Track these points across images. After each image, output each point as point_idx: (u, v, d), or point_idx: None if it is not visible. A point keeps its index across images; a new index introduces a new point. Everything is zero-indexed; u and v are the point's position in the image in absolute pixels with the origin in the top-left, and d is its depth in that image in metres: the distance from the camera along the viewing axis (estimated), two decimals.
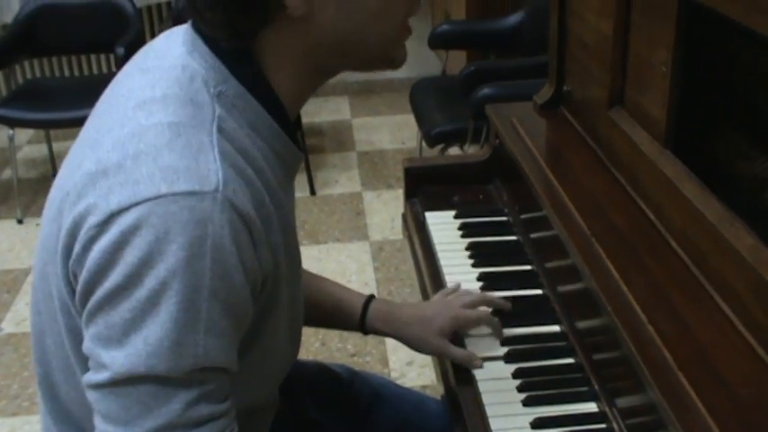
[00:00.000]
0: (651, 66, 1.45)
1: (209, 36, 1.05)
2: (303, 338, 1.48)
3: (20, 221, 4.08)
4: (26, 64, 5.11)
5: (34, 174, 4.56)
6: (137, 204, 0.92)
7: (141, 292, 0.92)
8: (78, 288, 0.97)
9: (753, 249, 1.15)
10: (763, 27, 1.10)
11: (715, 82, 1.49)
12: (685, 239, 1.33)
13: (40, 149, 4.73)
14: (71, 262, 0.98)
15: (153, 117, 0.98)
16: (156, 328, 0.92)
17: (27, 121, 4.09)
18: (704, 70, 1.45)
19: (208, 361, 0.95)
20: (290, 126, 1.11)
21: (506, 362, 1.44)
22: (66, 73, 5.19)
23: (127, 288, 0.92)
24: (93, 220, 0.94)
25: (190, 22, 1.09)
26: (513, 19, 3.76)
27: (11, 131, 4.09)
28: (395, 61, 1.14)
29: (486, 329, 1.50)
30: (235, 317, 0.98)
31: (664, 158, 1.42)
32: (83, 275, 0.95)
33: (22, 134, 4.77)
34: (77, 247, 0.96)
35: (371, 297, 1.52)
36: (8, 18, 4.70)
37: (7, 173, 4.51)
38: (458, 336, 1.48)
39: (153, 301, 0.92)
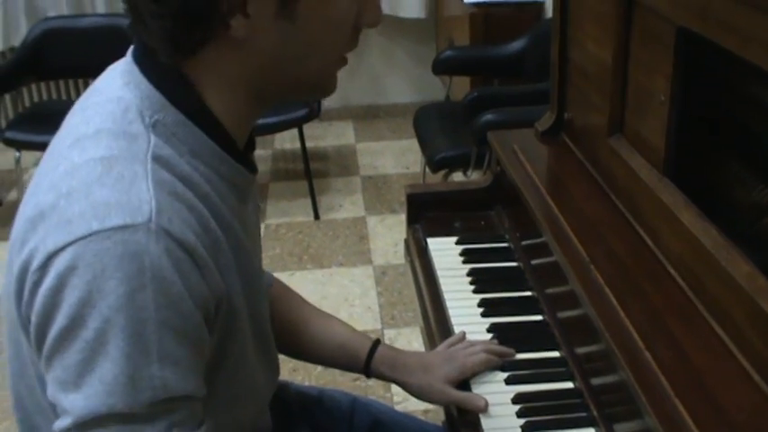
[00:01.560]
0: (650, 94, 1.46)
1: (146, 62, 1.05)
2: (305, 363, 1.50)
3: None
4: (33, 87, 5.14)
5: None
6: (71, 244, 0.92)
7: (87, 333, 0.91)
8: (32, 334, 0.97)
9: (749, 277, 1.17)
10: (758, 58, 1.12)
11: (713, 110, 1.51)
12: (683, 266, 1.35)
13: None
14: (23, 308, 0.98)
15: (85, 153, 0.98)
16: (110, 366, 0.92)
17: (33, 143, 4.10)
18: (702, 99, 1.46)
19: (167, 392, 0.95)
20: (236, 150, 1.10)
21: (506, 384, 1.45)
22: (73, 96, 5.22)
23: (72, 330, 0.92)
24: (34, 264, 0.94)
25: (130, 52, 1.09)
26: (517, 45, 3.78)
27: (17, 153, 4.11)
28: (326, 90, 1.14)
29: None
30: (190, 343, 0.97)
31: (662, 186, 1.43)
32: (33, 320, 0.95)
33: (29, 156, 4.78)
34: (26, 294, 0.96)
35: (377, 342, 1.51)
36: (15, 41, 4.75)
37: (13, 194, 4.53)
38: (464, 382, 1.47)
39: (100, 340, 0.91)
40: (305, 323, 1.52)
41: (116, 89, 1.05)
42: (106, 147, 0.98)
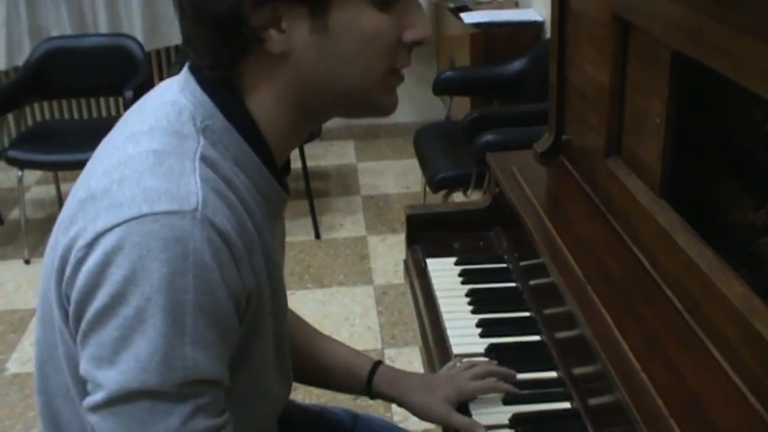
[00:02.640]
0: (646, 117, 1.48)
1: (201, 73, 1.10)
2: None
3: (27, 262, 4.11)
4: (36, 106, 5.17)
5: (42, 214, 4.60)
6: (119, 225, 0.96)
7: (128, 310, 0.95)
8: (70, 310, 1.01)
9: (743, 298, 1.18)
10: (749, 82, 1.13)
11: (708, 133, 1.52)
12: (679, 288, 1.36)
13: (48, 190, 4.78)
14: (63, 285, 1.01)
15: (139, 146, 1.03)
16: (145, 344, 0.95)
17: (35, 162, 4.13)
18: (698, 121, 1.48)
19: (198, 373, 0.98)
20: (276, 167, 1.14)
21: (504, 404, 1.46)
22: (76, 115, 5.24)
23: (113, 307, 0.95)
24: (81, 242, 0.98)
25: (187, 64, 1.14)
26: (517, 65, 3.80)
27: (20, 172, 4.13)
28: (382, 109, 1.16)
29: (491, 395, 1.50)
30: (221, 330, 1.00)
31: (658, 207, 1.44)
32: (73, 297, 0.99)
33: (31, 175, 4.81)
34: (68, 271, 1.00)
35: (378, 362, 1.53)
36: (19, 61, 4.77)
37: (15, 213, 4.55)
38: (463, 403, 1.48)
39: (140, 318, 0.95)
40: (310, 347, 1.54)
41: (172, 94, 1.10)
42: (159, 142, 1.04)
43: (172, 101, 1.09)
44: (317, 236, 4.25)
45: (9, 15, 4.84)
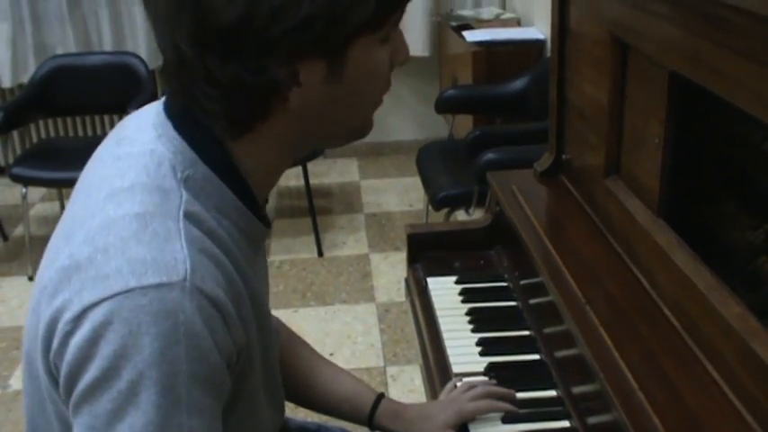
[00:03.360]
0: (644, 137, 1.49)
1: (178, 117, 1.08)
2: None
3: (30, 278, 4.12)
4: (40, 123, 5.20)
5: (46, 231, 4.61)
6: (107, 299, 0.94)
7: (120, 384, 0.93)
8: (60, 381, 0.99)
9: (740, 318, 1.18)
10: (745, 104, 1.14)
11: (707, 152, 1.53)
12: (677, 307, 1.36)
13: (53, 207, 4.80)
14: (51, 355, 1.00)
15: (121, 208, 1.01)
16: (140, 416, 0.94)
17: (40, 179, 4.15)
18: (696, 141, 1.49)
19: None
20: (257, 206, 1.13)
21: (503, 423, 1.47)
22: (80, 133, 5.27)
23: (106, 380, 0.94)
24: (68, 315, 0.96)
25: (162, 105, 1.12)
26: (519, 83, 3.82)
27: (24, 189, 4.15)
28: (365, 133, 1.18)
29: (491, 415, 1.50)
30: (215, 393, 1.00)
31: (656, 227, 1.45)
32: (63, 369, 0.97)
33: (35, 191, 4.83)
34: (56, 342, 0.98)
35: (381, 395, 1.54)
36: (24, 78, 4.80)
37: (20, 230, 4.57)
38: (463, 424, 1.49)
39: (133, 391, 0.93)
40: (313, 373, 1.55)
41: (148, 142, 1.07)
42: (140, 202, 1.01)
43: (150, 150, 1.06)
44: (320, 253, 4.26)
45: (15, 33, 4.88)
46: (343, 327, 3.63)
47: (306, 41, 0.98)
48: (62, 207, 4.59)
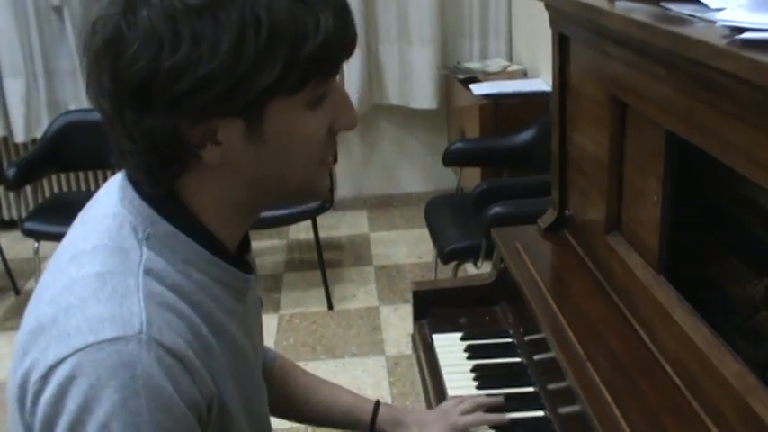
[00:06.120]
0: (644, 194, 1.51)
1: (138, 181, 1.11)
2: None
3: None
4: (53, 178, 5.25)
5: None
6: (69, 356, 0.97)
7: None
8: None
9: (738, 375, 1.19)
10: (736, 164, 1.17)
11: (705, 209, 1.55)
12: (678, 364, 1.37)
13: None
14: (26, 415, 1.03)
15: (82, 269, 1.05)
16: None
17: (52, 234, 4.17)
18: (694, 198, 1.51)
19: None
20: (229, 254, 1.15)
21: None
22: (92, 187, 5.31)
23: None
24: (35, 374, 1.00)
25: (124, 171, 1.14)
26: (525, 136, 3.84)
27: (36, 244, 4.19)
28: (317, 195, 1.19)
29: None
30: None
31: (657, 284, 1.47)
32: (36, 427, 1.01)
33: (48, 245, 4.85)
34: (28, 402, 1.01)
35: (378, 403, 1.61)
36: (37, 134, 4.86)
37: (31, 284, 4.59)
38: None
39: None
40: (312, 392, 1.62)
41: (112, 205, 1.11)
42: (101, 263, 1.05)
43: (112, 213, 1.10)
44: (330, 306, 4.27)
45: (29, 89, 4.95)
46: (353, 380, 3.63)
47: (209, 100, 1.00)
48: None
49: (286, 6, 1.00)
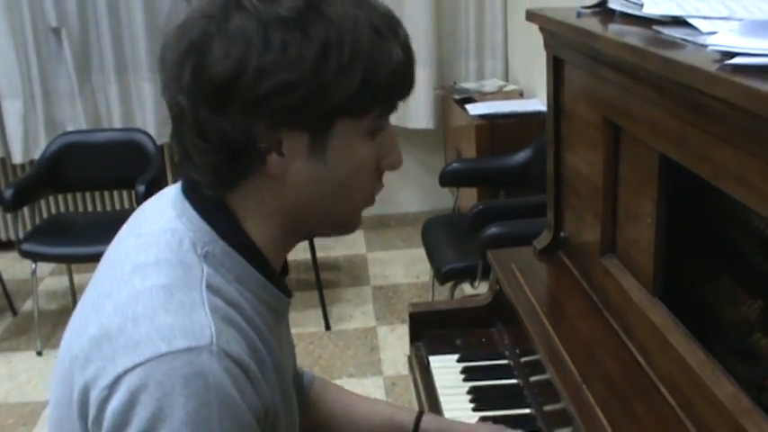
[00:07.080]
0: (638, 217, 1.52)
1: (195, 195, 1.15)
2: None
3: (39, 353, 4.13)
4: (51, 199, 5.25)
5: (55, 306, 4.64)
6: (141, 364, 1.00)
7: None
8: None
9: (732, 398, 1.20)
10: (728, 187, 1.17)
11: (699, 230, 1.56)
12: (673, 386, 1.38)
13: (62, 281, 4.82)
14: (90, 423, 1.05)
15: (147, 281, 1.08)
16: None
17: (49, 255, 4.20)
18: (688, 220, 1.51)
19: None
20: (275, 275, 1.20)
21: None
22: (90, 208, 5.32)
23: None
24: (102, 382, 1.02)
25: (180, 186, 1.19)
26: (521, 156, 3.84)
27: (33, 265, 4.19)
28: (351, 228, 1.24)
29: None
30: None
31: (651, 306, 1.47)
32: None
33: (44, 266, 4.86)
34: (93, 410, 1.03)
35: (422, 412, 1.60)
36: (35, 155, 4.87)
37: (28, 304, 4.59)
38: None
39: None
40: (352, 407, 1.63)
41: (169, 221, 1.15)
42: (166, 275, 1.08)
43: (171, 228, 1.14)
44: (327, 327, 4.26)
45: (26, 111, 4.96)
46: None
47: (288, 105, 1.06)
48: (71, 282, 4.61)
49: (366, 34, 1.08)
